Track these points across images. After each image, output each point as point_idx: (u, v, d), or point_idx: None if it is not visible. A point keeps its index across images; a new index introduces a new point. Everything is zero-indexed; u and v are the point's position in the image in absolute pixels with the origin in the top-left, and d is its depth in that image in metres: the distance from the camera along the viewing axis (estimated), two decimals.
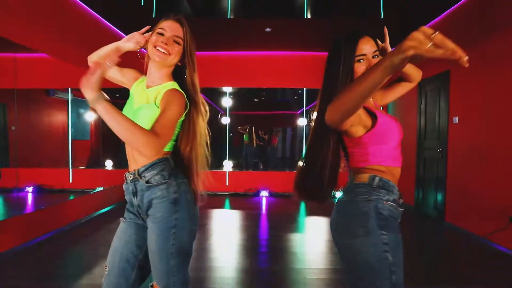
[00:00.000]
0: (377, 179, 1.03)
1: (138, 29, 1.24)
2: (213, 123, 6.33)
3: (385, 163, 1.05)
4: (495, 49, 3.11)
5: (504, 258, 2.81)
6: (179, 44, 1.14)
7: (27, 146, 3.48)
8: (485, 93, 3.26)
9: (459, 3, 3.68)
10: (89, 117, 4.53)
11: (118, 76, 1.29)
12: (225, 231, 3.54)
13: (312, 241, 3.24)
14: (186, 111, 1.13)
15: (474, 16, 3.44)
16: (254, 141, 6.68)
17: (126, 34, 1.22)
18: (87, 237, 3.26)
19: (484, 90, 3.28)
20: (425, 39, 0.65)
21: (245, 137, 6.77)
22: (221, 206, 4.80)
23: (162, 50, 1.12)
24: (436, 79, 4.09)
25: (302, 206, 4.85)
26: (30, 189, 3.67)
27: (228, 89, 5.86)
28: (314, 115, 1.11)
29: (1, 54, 2.98)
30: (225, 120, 5.89)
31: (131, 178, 1.16)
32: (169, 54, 1.13)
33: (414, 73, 1.24)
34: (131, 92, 1.24)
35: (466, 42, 3.55)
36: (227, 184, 5.68)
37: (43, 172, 3.86)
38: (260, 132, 6.77)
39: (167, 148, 1.17)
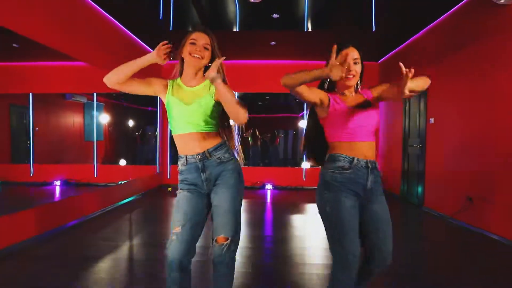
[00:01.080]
0: (328, 155, 1.48)
1: (157, 39, 1.49)
2: None
3: (343, 139, 1.45)
4: (463, 62, 3.85)
5: (462, 230, 3.53)
6: (208, 49, 1.47)
7: (47, 144, 3.87)
8: (455, 98, 3.99)
9: (433, 23, 4.43)
10: (103, 119, 4.82)
11: (142, 87, 1.50)
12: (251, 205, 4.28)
13: (311, 219, 3.97)
14: None
15: (446, 34, 4.19)
16: (258, 141, 7.35)
17: (147, 44, 1.68)
18: (127, 214, 4.02)
19: (453, 96, 4.02)
20: (338, 70, 1.24)
21: (250, 140, 7.43)
22: None
23: (197, 56, 1.44)
24: None
25: (303, 196, 5.57)
26: (58, 183, 4.11)
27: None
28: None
29: (36, 62, 3.55)
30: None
31: (199, 158, 1.44)
32: (202, 58, 1.46)
33: (421, 85, 1.43)
34: (171, 94, 1.49)
35: (440, 55, 4.30)
36: None
37: (69, 168, 4.28)
38: (261, 135, 7.40)
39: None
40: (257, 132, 7.35)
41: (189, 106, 1.45)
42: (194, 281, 1.62)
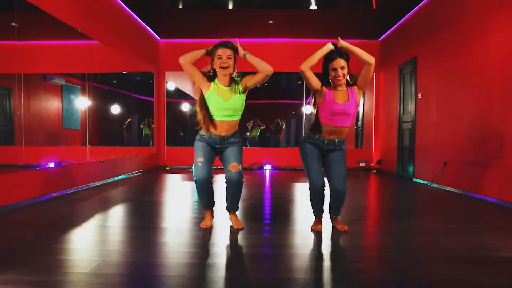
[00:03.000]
0: (310, 128, 2.68)
1: (157, 17, 2.66)
2: None
3: (323, 121, 2.57)
4: (441, 41, 5.08)
5: (438, 191, 4.77)
6: (231, 58, 2.53)
7: (28, 128, 3.97)
8: (436, 73, 5.23)
9: (418, 5, 5.67)
10: (81, 103, 4.98)
11: (198, 75, 2.55)
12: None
13: (306, 191, 5.21)
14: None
15: (427, 18, 5.43)
16: (258, 132, 8.42)
17: (148, 24, 2.63)
18: (132, 182, 5.26)
19: (435, 71, 5.25)
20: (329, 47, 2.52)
21: (254, 132, 8.42)
22: None
23: (225, 67, 2.51)
24: (410, 63, 6.07)
25: (302, 174, 6.81)
26: (52, 165, 4.43)
27: None
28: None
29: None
30: None
31: (219, 138, 2.60)
32: (229, 66, 2.52)
33: (364, 57, 2.44)
34: (213, 91, 2.55)
35: (425, 36, 5.53)
36: None
37: (59, 150, 4.69)
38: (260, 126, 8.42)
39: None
40: (255, 125, 8.34)
41: (227, 101, 2.55)
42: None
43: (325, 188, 2.61)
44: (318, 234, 2.60)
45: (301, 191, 4.77)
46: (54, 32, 4.38)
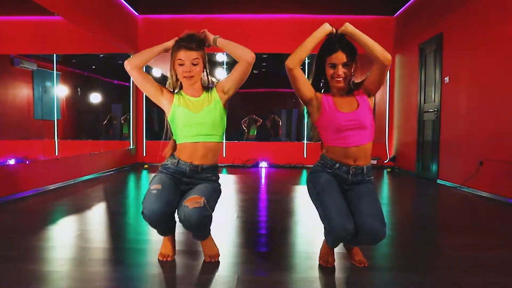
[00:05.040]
0: (321, 154, 2.06)
1: None
2: None
3: (332, 144, 1.95)
4: (483, 10, 4.42)
5: (472, 198, 4.17)
6: (197, 64, 1.96)
7: None
8: (472, 53, 4.58)
9: None
10: (59, 91, 4.82)
11: (152, 87, 2.04)
12: (232, 184, 4.92)
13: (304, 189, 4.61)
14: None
15: None
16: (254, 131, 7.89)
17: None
18: (97, 185, 4.66)
19: (470, 51, 4.61)
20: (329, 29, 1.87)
21: (252, 131, 7.91)
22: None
23: (188, 76, 1.95)
24: (433, 41, 5.43)
25: (301, 174, 6.22)
26: (12, 161, 4.28)
27: (223, 58, 7.17)
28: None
29: None
30: None
31: (191, 167, 1.98)
32: (193, 76, 1.97)
33: (377, 53, 1.82)
34: (178, 104, 1.99)
35: (452, 8, 4.89)
36: (224, 156, 7.05)
37: (22, 145, 4.45)
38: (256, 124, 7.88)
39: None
40: (256, 121, 7.82)
41: (198, 114, 1.98)
42: None
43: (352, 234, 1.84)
44: (327, 272, 1.97)
45: (303, 195, 4.17)
46: (5, 4, 3.90)
